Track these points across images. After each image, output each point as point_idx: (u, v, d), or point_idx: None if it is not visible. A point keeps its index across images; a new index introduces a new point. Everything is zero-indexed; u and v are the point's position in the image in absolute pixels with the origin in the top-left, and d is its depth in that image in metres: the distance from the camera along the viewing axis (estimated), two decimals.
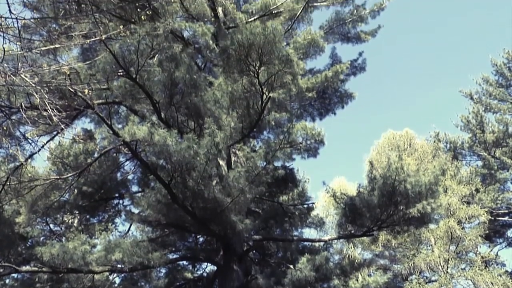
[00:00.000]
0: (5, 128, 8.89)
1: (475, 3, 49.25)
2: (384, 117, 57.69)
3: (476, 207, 21.99)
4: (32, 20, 8.39)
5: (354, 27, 15.25)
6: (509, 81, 26.98)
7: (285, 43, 11.42)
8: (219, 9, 12.70)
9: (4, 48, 6.10)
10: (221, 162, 10.40)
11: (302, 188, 14.40)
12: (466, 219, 21.88)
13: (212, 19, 12.56)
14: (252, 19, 13.34)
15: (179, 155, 7.97)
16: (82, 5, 9.43)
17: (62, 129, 8.01)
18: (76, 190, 12.69)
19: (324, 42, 12.99)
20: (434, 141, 26.88)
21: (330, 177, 37.29)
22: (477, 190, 23.49)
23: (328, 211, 27.05)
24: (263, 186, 9.31)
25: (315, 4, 13.95)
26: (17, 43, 6.52)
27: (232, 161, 11.34)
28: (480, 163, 25.96)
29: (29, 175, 10.27)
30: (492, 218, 22.89)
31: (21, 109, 7.35)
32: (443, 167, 21.44)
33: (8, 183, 9.63)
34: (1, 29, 5.83)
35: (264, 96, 9.61)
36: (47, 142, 11.21)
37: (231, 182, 8.78)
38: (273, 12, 13.97)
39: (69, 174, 11.34)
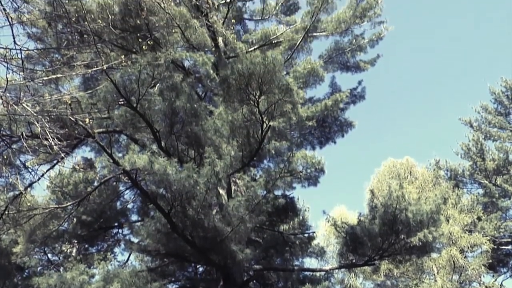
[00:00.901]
0: (5, 157, 8.90)
1: (473, 32, 49.93)
2: (384, 145, 57.80)
3: (479, 235, 21.80)
4: (35, 50, 8.48)
5: (353, 56, 15.40)
6: (508, 109, 27.12)
7: (285, 73, 11.53)
8: (220, 39, 12.86)
9: (7, 78, 6.16)
10: (221, 191, 10.36)
11: (303, 217, 14.30)
12: (468, 248, 21.66)
13: (213, 49, 12.69)
14: (252, 48, 13.51)
15: (179, 184, 7.96)
16: (85, 36, 9.58)
17: (62, 158, 8.03)
18: (75, 219, 12.62)
19: (324, 71, 13.11)
20: (435, 169, 26.81)
21: (330, 205, 37.08)
22: (479, 219, 23.31)
23: (329, 240, 26.81)
24: (264, 215, 9.25)
25: (314, 34, 14.12)
26: (20, 73, 6.59)
27: (232, 190, 11.30)
28: (481, 191, 25.85)
29: (28, 204, 10.23)
30: (495, 247, 22.66)
31: (22, 138, 7.39)
32: (444, 195, 21.39)
33: (6, 212, 9.58)
34: (5, 60, 5.90)
35: (264, 125, 9.64)
36: (47, 171, 11.20)
37: (231, 211, 8.73)
38: (273, 42, 14.15)
39: (69, 203, 11.29)
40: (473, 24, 50.23)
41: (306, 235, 13.85)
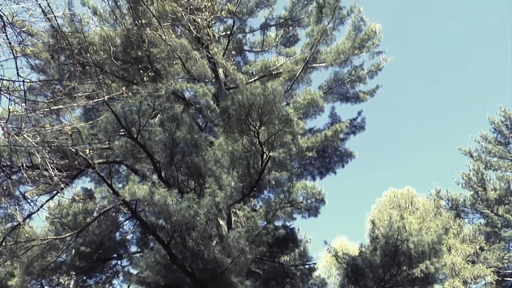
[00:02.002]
0: (4, 187, 8.86)
1: (472, 62, 50.52)
2: (384, 175, 57.69)
3: (482, 266, 21.53)
4: (38, 82, 8.57)
5: (353, 87, 15.53)
6: (508, 138, 27.18)
7: (285, 103, 11.61)
8: (220, 70, 13.00)
9: (9, 109, 6.20)
10: (221, 222, 10.29)
11: (303, 248, 14.16)
12: (472, 279, 21.37)
13: (213, 80, 12.83)
14: (253, 79, 13.64)
15: (179, 214, 7.91)
16: (87, 67, 9.68)
17: (62, 189, 7.98)
18: (73, 251, 12.48)
19: (324, 102, 13.20)
20: (436, 199, 26.69)
21: (331, 236, 36.77)
22: (482, 249, 23.07)
23: (330, 272, 26.50)
24: (264, 246, 9.16)
25: (314, 65, 14.27)
26: (22, 104, 6.64)
27: (233, 221, 11.22)
28: (483, 221, 25.66)
29: (26, 235, 10.13)
30: (500, 279, 22.34)
31: (22, 169, 7.38)
32: (445, 226, 21.19)
33: (3, 244, 9.49)
34: (8, 92, 5.96)
35: (265, 156, 9.66)
36: (46, 201, 11.16)
37: (232, 242, 8.65)
38: (273, 73, 14.31)
39: (67, 234, 11.20)
40: (472, 54, 50.89)
41: (307, 266, 13.68)
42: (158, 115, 9.82)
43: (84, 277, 14.47)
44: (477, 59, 50.81)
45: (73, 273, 13.78)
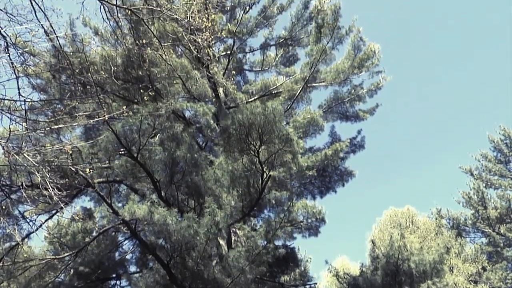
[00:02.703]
0: (4, 207, 8.84)
1: (471, 80, 50.76)
2: (385, 194, 57.47)
3: (484, 286, 21.31)
4: (39, 101, 8.62)
5: (352, 106, 15.58)
6: (508, 157, 27.15)
7: (285, 122, 11.64)
8: (220, 90, 13.07)
9: (10, 129, 6.23)
10: (221, 242, 10.23)
11: (304, 267, 14.04)
12: None
13: (213, 99, 12.88)
14: (253, 99, 13.69)
15: (179, 234, 7.88)
16: (87, 86, 9.75)
17: (61, 208, 7.97)
18: (72, 271, 12.36)
19: (323, 121, 13.25)
20: (437, 218, 26.54)
21: (332, 255, 36.50)
22: (484, 269, 22.85)
23: None
24: (264, 266, 9.10)
25: (314, 84, 14.35)
26: (23, 124, 6.67)
27: (233, 241, 11.16)
28: (485, 240, 25.47)
29: (25, 255, 10.07)
30: None
31: (21, 188, 7.38)
32: (447, 245, 21.04)
33: (1, 264, 9.41)
34: (9, 111, 6.00)
35: (265, 175, 9.65)
36: (45, 221, 11.12)
37: (231, 262, 8.60)
38: (273, 92, 14.37)
39: (66, 254, 11.12)
40: (472, 73, 51.18)
41: (307, 286, 13.57)
42: (158, 134, 9.84)
43: None
44: (477, 78, 51.11)
45: None
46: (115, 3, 7.53)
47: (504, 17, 43.37)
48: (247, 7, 14.82)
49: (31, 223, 10.11)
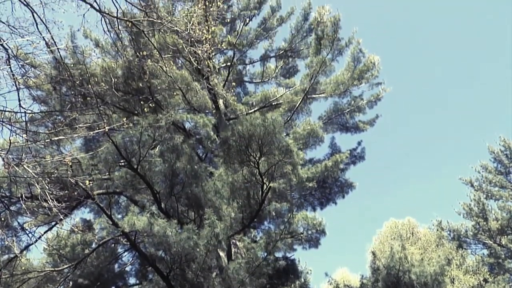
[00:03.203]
0: (3, 219, 8.81)
1: (471, 91, 50.90)
2: (385, 206, 57.30)
3: None
4: (39, 113, 8.64)
5: (352, 117, 15.61)
6: (508, 168, 27.10)
7: (285, 134, 11.65)
8: (220, 101, 13.10)
9: (10, 140, 6.24)
10: (221, 253, 10.19)
11: (304, 279, 13.94)
12: None
13: (214, 110, 12.91)
14: (253, 110, 13.73)
15: (179, 246, 7.85)
16: (88, 98, 9.77)
17: (61, 220, 7.95)
18: (71, 283, 12.27)
19: (323, 132, 13.27)
20: (437, 230, 26.43)
21: (332, 267, 36.36)
22: (486, 281, 22.68)
23: None
24: (264, 278, 9.06)
25: (314, 96, 14.40)
26: (23, 135, 6.68)
27: (233, 252, 11.11)
28: (486, 251, 25.32)
29: (23, 267, 9.99)
30: None
31: (21, 200, 7.35)
32: (448, 256, 20.95)
33: None
34: (10, 123, 6.01)
35: (265, 186, 9.63)
36: (44, 232, 11.07)
37: (231, 274, 8.56)
38: (273, 103, 14.40)
39: (65, 266, 11.06)
40: (472, 84, 51.36)
41: None
42: (158, 146, 9.84)
43: None
44: (477, 89, 51.26)
45: None
46: (116, 15, 7.58)
47: (504, 30, 43.61)
48: (247, 19, 14.92)
49: (30, 235, 10.07)
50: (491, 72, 48.93)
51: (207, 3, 10.54)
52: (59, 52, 7.03)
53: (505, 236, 24.20)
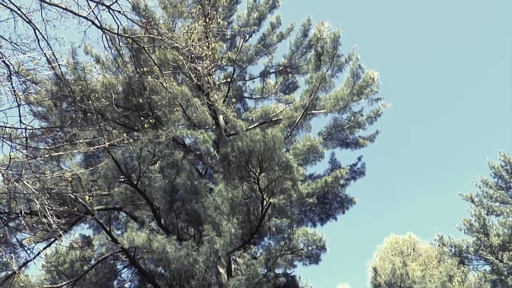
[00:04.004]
0: (1, 235, 8.77)
1: (471, 106, 51.07)
2: (386, 221, 57.05)
3: None
4: (40, 129, 8.66)
5: (352, 133, 15.61)
6: (509, 183, 27.05)
7: (285, 150, 11.66)
8: (220, 117, 13.13)
9: (10, 156, 6.25)
10: (221, 270, 10.12)
11: None
12: None
13: (214, 126, 12.93)
14: (253, 126, 13.74)
15: (178, 262, 7.81)
16: (88, 114, 9.80)
17: (60, 236, 7.92)
18: None
19: (323, 148, 13.26)
20: (439, 245, 26.27)
21: (333, 283, 36.00)
22: None
23: None
24: None
25: (313, 111, 14.42)
26: (23, 151, 6.69)
27: (232, 269, 11.03)
28: (488, 268, 25.14)
29: (21, 284, 9.90)
30: None
31: (20, 216, 7.33)
32: (449, 273, 20.80)
33: None
34: (10, 139, 6.02)
35: (265, 202, 9.62)
36: (43, 249, 10.99)
37: None
38: (273, 119, 14.43)
39: (64, 283, 10.97)
40: (472, 99, 51.52)
41: None
42: (158, 162, 9.84)
43: None
44: (477, 104, 51.43)
45: None
46: (117, 32, 7.63)
47: (503, 48, 43.88)
48: (247, 36, 15.02)
49: (28, 251, 10.01)
50: (492, 87, 49.12)
51: (207, 20, 10.64)
52: (60, 68, 7.08)
53: (507, 252, 24.04)
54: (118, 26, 7.44)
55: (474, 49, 47.36)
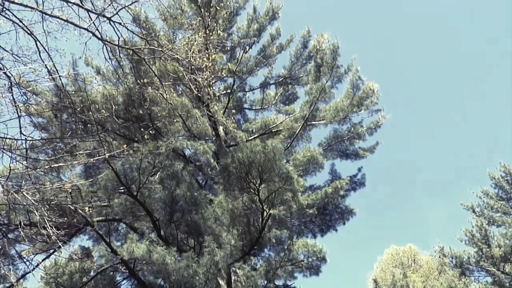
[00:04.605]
0: (0, 246, 8.73)
1: (471, 116, 51.15)
2: (386, 232, 56.80)
3: None
4: (40, 140, 8.66)
5: (352, 144, 15.62)
6: (509, 194, 27.01)
7: (285, 161, 11.66)
8: (220, 128, 13.14)
9: (10, 167, 6.24)
10: (221, 282, 10.06)
11: None
12: None
13: (214, 137, 12.94)
14: (253, 137, 13.75)
15: (178, 274, 7.77)
16: (88, 125, 9.81)
17: (59, 247, 7.88)
18: None
19: (323, 159, 13.25)
20: (439, 256, 26.14)
21: None
22: None
23: None
24: None
25: (313, 122, 14.43)
26: (23, 162, 6.68)
27: (232, 280, 10.96)
28: (489, 279, 24.99)
29: None
30: None
31: (19, 227, 7.30)
32: (450, 284, 20.73)
33: None
34: (10, 150, 6.02)
35: (265, 213, 9.59)
36: (42, 260, 10.93)
37: None
38: (273, 130, 14.44)
39: None
40: (472, 109, 51.64)
41: None
42: (158, 173, 9.83)
43: None
44: (478, 114, 51.54)
45: None
46: (117, 43, 7.66)
47: (504, 61, 44.07)
48: (247, 47, 15.08)
49: (27, 263, 9.96)
50: (492, 97, 49.23)
51: (207, 32, 10.69)
52: (60, 80, 7.09)
53: (509, 264, 23.91)
54: (119, 38, 7.48)
55: (476, 60, 47.54)
